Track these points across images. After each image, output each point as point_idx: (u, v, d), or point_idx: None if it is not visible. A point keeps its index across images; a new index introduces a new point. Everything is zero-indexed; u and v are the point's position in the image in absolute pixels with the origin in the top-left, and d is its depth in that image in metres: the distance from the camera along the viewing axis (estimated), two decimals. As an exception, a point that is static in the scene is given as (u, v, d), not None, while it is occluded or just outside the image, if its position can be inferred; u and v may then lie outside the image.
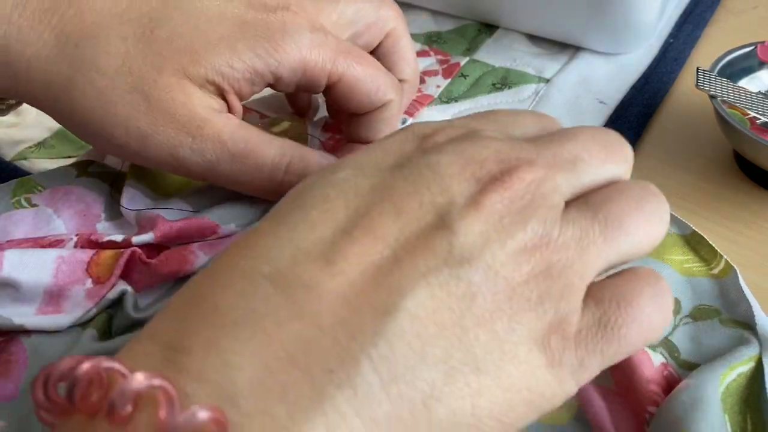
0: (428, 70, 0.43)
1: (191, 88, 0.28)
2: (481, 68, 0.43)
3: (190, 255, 0.29)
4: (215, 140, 0.28)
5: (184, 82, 0.28)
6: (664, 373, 0.25)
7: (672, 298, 0.21)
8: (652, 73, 0.42)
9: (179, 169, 0.29)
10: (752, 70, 0.37)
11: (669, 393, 0.24)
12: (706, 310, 0.27)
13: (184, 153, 0.28)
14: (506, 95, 0.41)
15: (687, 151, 0.37)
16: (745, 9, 0.49)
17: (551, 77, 0.42)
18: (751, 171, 0.35)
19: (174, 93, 0.28)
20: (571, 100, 0.40)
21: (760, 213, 0.33)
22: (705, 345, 0.26)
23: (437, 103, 0.41)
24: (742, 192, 0.34)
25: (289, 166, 0.29)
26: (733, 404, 0.24)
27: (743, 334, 0.26)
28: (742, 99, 0.34)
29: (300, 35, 0.29)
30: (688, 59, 0.43)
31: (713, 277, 0.29)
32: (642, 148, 0.37)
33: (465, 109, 0.40)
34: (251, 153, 0.29)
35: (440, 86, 0.42)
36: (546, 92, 0.41)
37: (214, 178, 0.29)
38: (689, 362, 0.26)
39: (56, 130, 0.40)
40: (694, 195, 0.34)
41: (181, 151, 0.28)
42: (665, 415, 0.23)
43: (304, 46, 0.29)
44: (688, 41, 0.44)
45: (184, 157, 0.28)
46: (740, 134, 0.32)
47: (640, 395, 0.24)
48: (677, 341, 0.26)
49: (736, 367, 0.24)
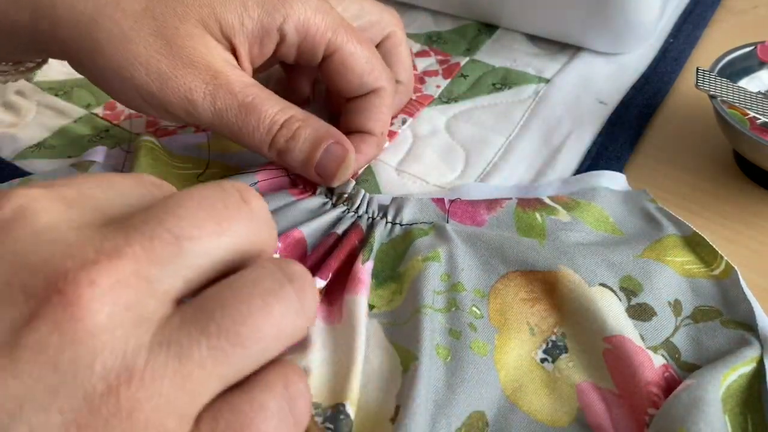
0: (428, 70, 0.43)
1: (210, 41, 0.30)
2: (481, 68, 0.43)
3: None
4: (227, 90, 0.30)
5: (204, 33, 0.30)
6: (665, 375, 0.25)
7: (309, 398, 0.18)
8: (652, 73, 0.42)
9: (191, 114, 0.30)
10: (752, 70, 0.37)
11: (669, 395, 0.24)
12: (707, 311, 0.27)
13: (197, 97, 0.30)
14: (506, 95, 0.41)
15: (687, 151, 0.37)
16: (745, 9, 0.49)
17: (551, 77, 0.42)
18: (751, 171, 0.35)
19: (194, 42, 0.29)
20: (571, 100, 0.40)
21: (760, 213, 0.33)
22: (706, 346, 0.26)
23: (437, 103, 0.41)
24: (742, 192, 0.34)
25: (287, 122, 0.31)
26: (734, 405, 0.24)
27: (744, 335, 0.26)
28: (742, 99, 0.34)
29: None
30: (688, 59, 0.43)
31: (714, 279, 0.29)
32: (642, 148, 0.38)
33: (465, 109, 0.40)
34: (256, 107, 0.30)
35: (440, 86, 0.42)
36: (546, 92, 0.41)
37: (220, 126, 0.31)
38: (690, 364, 0.26)
39: (56, 130, 0.40)
40: (694, 195, 0.34)
41: (196, 96, 0.30)
42: (665, 416, 0.23)
43: (310, 7, 0.31)
44: (688, 41, 0.45)
45: (197, 102, 0.30)
46: (740, 134, 0.32)
47: (641, 397, 0.24)
48: (678, 343, 0.27)
49: (737, 368, 0.24)
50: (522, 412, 0.25)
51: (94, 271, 0.15)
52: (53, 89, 0.43)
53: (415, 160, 0.37)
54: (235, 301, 0.16)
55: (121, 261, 0.15)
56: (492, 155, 0.37)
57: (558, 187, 0.34)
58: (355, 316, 0.27)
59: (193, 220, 0.17)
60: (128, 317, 0.15)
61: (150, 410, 0.15)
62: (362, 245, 0.30)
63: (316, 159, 0.31)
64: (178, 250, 0.16)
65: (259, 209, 0.18)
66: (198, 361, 0.16)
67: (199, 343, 0.16)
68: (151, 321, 0.16)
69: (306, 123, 0.31)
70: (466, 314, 0.27)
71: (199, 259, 0.17)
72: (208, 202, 0.17)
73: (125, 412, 0.15)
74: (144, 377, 0.15)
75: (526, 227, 0.31)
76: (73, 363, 0.15)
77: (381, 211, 0.32)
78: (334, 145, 0.31)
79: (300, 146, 0.31)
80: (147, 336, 0.15)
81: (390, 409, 0.25)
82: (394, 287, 0.29)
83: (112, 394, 0.15)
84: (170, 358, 0.15)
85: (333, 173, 0.32)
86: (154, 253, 0.16)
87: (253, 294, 0.17)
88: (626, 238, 0.31)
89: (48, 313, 0.14)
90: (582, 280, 0.27)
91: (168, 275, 0.16)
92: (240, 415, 0.17)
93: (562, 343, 0.27)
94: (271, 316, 0.17)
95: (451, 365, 0.26)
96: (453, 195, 0.34)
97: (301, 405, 0.18)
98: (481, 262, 0.29)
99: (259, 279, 0.17)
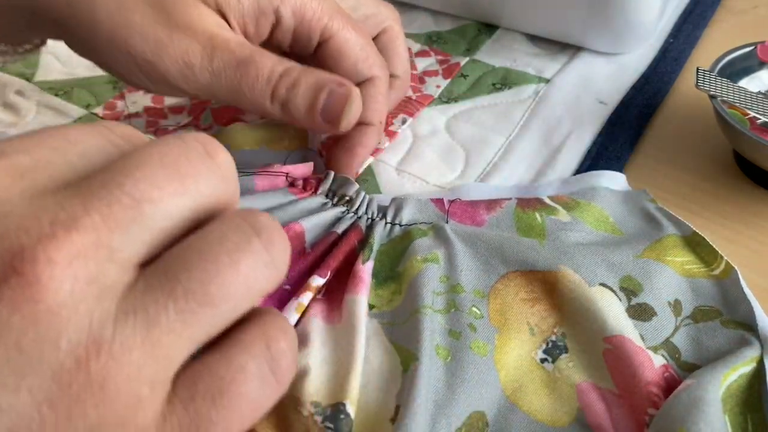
0: (428, 70, 0.43)
1: (206, 10, 0.30)
2: (481, 68, 0.43)
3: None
4: (224, 48, 0.30)
5: (199, 3, 0.30)
6: (665, 375, 0.25)
7: (293, 357, 0.18)
8: (652, 73, 0.42)
9: (188, 79, 0.30)
10: (752, 70, 0.37)
11: (669, 395, 0.24)
12: (707, 311, 0.27)
13: (194, 60, 0.30)
14: (506, 95, 0.41)
15: (687, 151, 0.37)
16: (745, 9, 0.49)
17: (551, 77, 0.42)
18: (751, 171, 0.35)
19: (190, 9, 0.30)
20: (571, 100, 0.40)
21: (760, 213, 0.33)
22: (706, 346, 0.26)
23: (437, 103, 0.41)
24: (742, 192, 0.34)
25: (286, 71, 0.31)
26: (734, 405, 0.24)
27: (744, 335, 0.26)
28: (742, 99, 0.34)
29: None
30: (688, 59, 0.43)
31: (714, 278, 0.29)
32: (642, 148, 0.38)
33: (465, 109, 0.40)
34: (255, 60, 0.30)
35: (440, 86, 0.42)
36: (546, 92, 0.41)
37: (219, 87, 0.31)
38: (690, 364, 0.26)
39: (56, 131, 0.40)
40: (694, 195, 0.34)
41: (193, 58, 0.30)
42: (665, 416, 0.23)
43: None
44: (688, 41, 0.45)
45: (194, 64, 0.30)
46: (740, 134, 0.32)
47: (641, 397, 0.24)
48: (678, 343, 0.26)
49: (737, 368, 0.24)
50: (522, 412, 0.25)
51: (51, 247, 0.14)
52: (53, 89, 0.43)
53: (415, 160, 0.37)
54: (201, 261, 0.16)
55: (78, 232, 0.15)
56: (492, 155, 0.37)
57: (558, 187, 0.34)
58: (355, 316, 0.27)
59: (153, 180, 0.16)
60: (90, 290, 0.15)
61: (122, 381, 0.15)
62: (362, 245, 0.30)
63: (320, 104, 0.31)
64: (138, 214, 0.16)
65: (224, 163, 0.18)
66: (166, 326, 0.15)
67: (166, 308, 0.15)
68: (115, 290, 0.15)
69: (306, 71, 0.31)
70: (466, 315, 0.27)
71: (161, 222, 0.16)
72: (170, 159, 0.16)
73: (96, 385, 0.15)
74: (112, 348, 0.15)
75: (526, 227, 0.31)
76: (37, 343, 0.14)
77: (380, 212, 0.32)
78: (338, 87, 0.31)
79: (302, 92, 0.31)
80: (112, 306, 0.15)
81: (390, 409, 0.25)
82: (393, 287, 0.29)
83: (81, 369, 0.14)
84: (138, 326, 0.15)
85: (338, 115, 0.31)
86: (114, 220, 0.15)
87: (220, 251, 0.16)
88: (626, 238, 0.31)
89: (7, 296, 0.14)
90: (582, 280, 0.27)
91: (130, 241, 0.16)
92: (217, 378, 0.16)
93: (562, 343, 0.27)
94: (239, 273, 0.16)
95: (451, 365, 0.26)
96: (453, 195, 0.34)
97: (284, 365, 0.17)
98: (481, 262, 0.29)
99: (225, 235, 0.16)
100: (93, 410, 0.15)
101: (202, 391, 0.16)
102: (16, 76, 0.44)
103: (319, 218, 0.31)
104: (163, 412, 0.16)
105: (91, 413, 0.15)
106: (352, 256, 0.30)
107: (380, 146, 0.37)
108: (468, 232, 0.30)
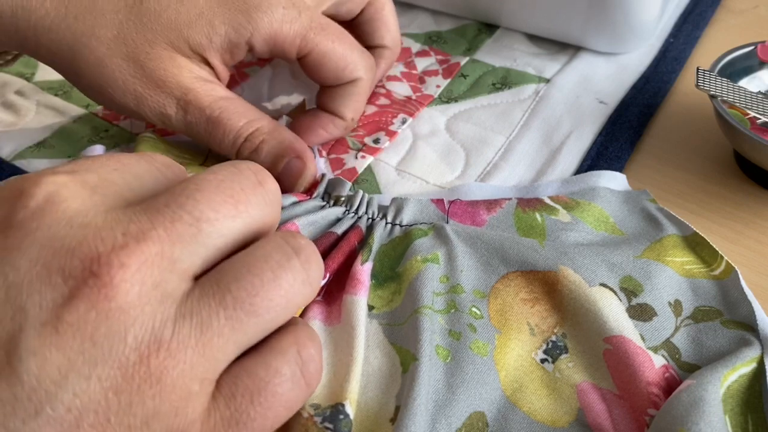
0: (428, 70, 0.43)
1: (181, 60, 0.32)
2: (482, 68, 0.43)
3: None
4: (196, 106, 0.32)
5: (174, 54, 0.31)
6: (665, 375, 0.25)
7: (320, 362, 0.20)
8: (652, 73, 0.42)
9: (167, 125, 0.33)
10: (752, 70, 0.37)
11: (670, 395, 0.24)
12: (708, 311, 0.27)
13: (170, 112, 0.32)
14: (506, 95, 0.41)
15: (687, 151, 0.37)
16: (745, 9, 0.49)
17: (551, 77, 0.42)
18: (751, 171, 0.35)
19: (165, 64, 0.31)
20: (571, 100, 0.40)
21: (760, 213, 0.33)
22: (706, 346, 0.26)
23: (437, 103, 0.41)
24: (742, 192, 0.34)
25: (251, 135, 0.32)
26: (735, 405, 0.24)
27: (744, 335, 0.26)
28: (742, 99, 0.34)
29: (273, 11, 0.32)
30: (688, 59, 0.43)
31: (714, 279, 0.29)
32: (642, 148, 0.37)
33: (465, 109, 0.40)
34: (222, 121, 0.32)
35: (440, 86, 0.42)
36: (546, 92, 0.41)
37: (193, 135, 0.33)
38: (690, 364, 0.26)
39: (56, 130, 0.40)
40: (694, 195, 0.34)
41: (169, 111, 0.32)
42: (666, 416, 0.23)
43: (275, 20, 0.32)
44: (688, 41, 0.44)
45: (171, 116, 0.32)
46: (740, 134, 0.32)
47: (641, 397, 0.24)
48: (679, 343, 0.26)
49: (738, 368, 0.24)
50: (522, 413, 0.25)
51: (123, 254, 0.17)
52: (53, 89, 0.43)
53: (415, 160, 0.37)
54: (249, 275, 0.18)
55: (146, 243, 0.17)
56: (492, 155, 0.37)
57: (558, 187, 0.34)
58: (354, 317, 0.27)
59: (211, 203, 0.18)
60: (154, 294, 0.17)
61: (177, 376, 0.17)
62: (362, 246, 0.30)
63: (278, 169, 0.33)
64: (197, 231, 0.18)
65: (272, 191, 0.20)
66: (217, 329, 0.17)
67: (217, 314, 0.18)
68: (174, 296, 0.17)
69: (270, 136, 0.33)
70: (466, 315, 0.27)
71: (216, 239, 0.18)
72: (226, 185, 0.19)
73: (155, 378, 0.17)
74: (170, 347, 0.17)
75: (526, 227, 0.31)
76: (108, 337, 0.16)
77: (381, 212, 0.32)
78: (294, 160, 0.33)
79: (262, 159, 0.33)
80: (171, 310, 0.17)
81: (390, 409, 0.25)
82: (393, 287, 0.29)
83: (143, 362, 0.17)
84: (193, 329, 0.17)
85: (291, 186, 0.33)
86: (176, 235, 0.18)
87: (264, 267, 0.18)
88: (626, 238, 0.30)
89: (85, 294, 0.16)
90: (582, 281, 0.27)
91: (188, 254, 0.18)
92: (256, 379, 0.18)
93: (563, 344, 0.27)
94: (280, 287, 0.19)
95: (451, 365, 0.26)
96: (453, 195, 0.34)
97: (312, 369, 0.20)
98: (481, 262, 0.29)
99: (269, 253, 0.19)
100: (150, 401, 0.17)
101: (243, 390, 0.18)
102: (16, 76, 0.44)
103: (315, 216, 0.31)
104: (209, 407, 0.18)
105: (149, 403, 0.17)
106: (352, 257, 0.30)
107: (380, 146, 0.37)
108: (468, 232, 0.30)
